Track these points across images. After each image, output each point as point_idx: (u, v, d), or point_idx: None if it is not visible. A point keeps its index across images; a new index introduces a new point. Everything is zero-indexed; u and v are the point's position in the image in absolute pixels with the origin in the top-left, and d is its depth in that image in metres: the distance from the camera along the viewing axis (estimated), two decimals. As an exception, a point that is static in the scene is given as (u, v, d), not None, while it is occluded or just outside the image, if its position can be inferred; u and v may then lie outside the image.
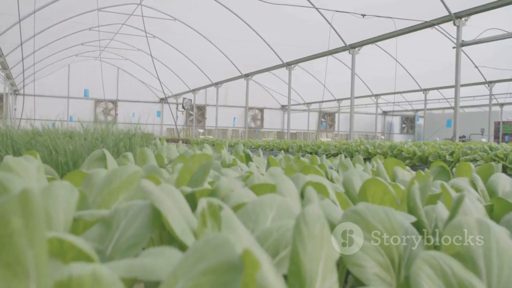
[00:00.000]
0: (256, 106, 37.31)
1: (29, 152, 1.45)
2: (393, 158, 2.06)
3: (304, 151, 8.90)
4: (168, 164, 2.04)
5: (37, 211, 0.46)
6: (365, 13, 11.21)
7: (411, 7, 12.13)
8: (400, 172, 1.95)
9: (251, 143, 11.51)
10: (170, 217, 0.69)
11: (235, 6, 15.88)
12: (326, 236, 0.68)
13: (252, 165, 2.11)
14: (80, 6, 16.89)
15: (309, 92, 29.26)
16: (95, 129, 2.25)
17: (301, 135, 37.88)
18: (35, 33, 15.67)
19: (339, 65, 19.68)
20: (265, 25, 16.51)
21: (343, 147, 7.84)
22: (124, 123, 15.16)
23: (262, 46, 17.69)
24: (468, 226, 0.76)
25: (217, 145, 2.94)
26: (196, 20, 18.70)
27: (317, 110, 37.95)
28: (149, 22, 18.56)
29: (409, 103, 29.65)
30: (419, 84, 22.70)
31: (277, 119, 38.81)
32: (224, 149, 2.89)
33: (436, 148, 6.21)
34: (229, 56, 20.86)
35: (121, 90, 35.15)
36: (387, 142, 7.73)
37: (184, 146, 3.62)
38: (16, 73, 24.17)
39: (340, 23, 13.46)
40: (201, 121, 36.69)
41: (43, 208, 0.49)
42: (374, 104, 28.69)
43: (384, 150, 6.92)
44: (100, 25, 20.04)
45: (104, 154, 1.53)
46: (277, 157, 2.40)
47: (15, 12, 12.99)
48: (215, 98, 27.25)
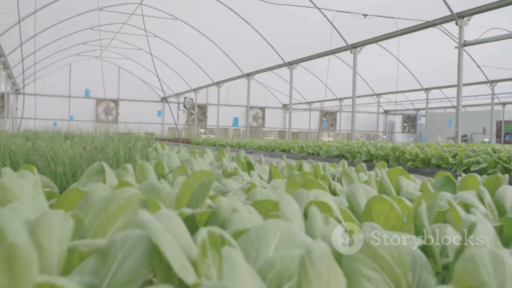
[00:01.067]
0: (257, 105, 37.27)
1: (26, 166, 1.42)
2: (397, 168, 2.02)
3: (306, 152, 8.87)
4: (169, 173, 2.01)
5: (24, 265, 0.43)
6: (367, 13, 11.15)
7: (413, 7, 12.08)
8: (405, 183, 1.92)
9: (253, 143, 11.48)
10: (169, 252, 0.66)
11: (236, 6, 15.84)
12: (333, 273, 0.65)
13: (254, 175, 2.08)
14: (81, 5, 16.88)
15: (311, 91, 29.23)
16: (94, 136, 2.22)
17: (303, 134, 37.85)
18: (36, 33, 15.66)
19: (340, 64, 19.64)
20: (266, 24, 16.47)
21: (345, 149, 7.80)
22: (126, 122, 15.34)
23: (263, 45, 17.66)
24: (482, 259, 0.72)
25: (219, 152, 2.91)
26: (197, 19, 18.68)
27: (318, 109, 37.93)
28: (150, 22, 18.55)
29: (411, 102, 29.60)
30: (420, 83, 22.66)
31: (278, 118, 38.76)
32: (226, 156, 2.86)
33: (438, 150, 6.16)
34: (230, 56, 20.83)
35: (122, 89, 35.15)
36: (389, 143, 7.69)
37: (186, 152, 3.59)
38: (17, 73, 24.15)
39: (342, 22, 13.42)
40: (202, 120, 36.67)
41: (30, 259, 0.45)
42: (375, 103, 28.64)
43: (386, 152, 6.88)
44: (101, 25, 20.06)
45: (103, 168, 1.49)
46: (279, 165, 2.36)
47: (15, 12, 12.98)
48: (216, 97, 27.24)
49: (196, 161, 2.67)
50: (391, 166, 6.85)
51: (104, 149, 1.97)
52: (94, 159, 1.82)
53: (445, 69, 20.17)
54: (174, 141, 17.21)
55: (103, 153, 1.89)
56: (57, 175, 1.74)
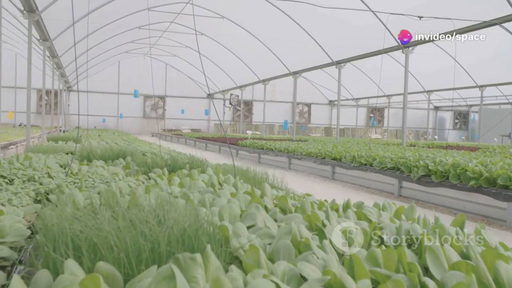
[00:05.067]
0: (303, 102, 36.91)
1: (91, 277, 1.30)
2: (493, 251, 1.79)
3: (358, 162, 8.57)
4: (239, 248, 1.86)
5: None
6: (422, 15, 10.68)
7: (470, 6, 11.53)
8: (504, 271, 1.69)
9: (302, 149, 11.25)
10: None
11: (284, 5, 15.58)
12: None
13: (327, 248, 1.90)
14: (131, 6, 17.10)
15: (358, 88, 28.65)
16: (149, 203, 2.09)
17: (349, 131, 37.20)
18: (88, 33, 16.02)
19: (389, 61, 19.08)
20: (313, 24, 16.16)
21: (400, 161, 7.47)
22: (172, 119, 15.77)
23: (310, 44, 17.33)
24: None
25: (281, 198, 2.73)
26: (244, 18, 18.57)
27: (365, 106, 37.14)
28: (197, 20, 18.61)
29: (464, 99, 28.48)
30: (475, 80, 21.71)
31: (324, 114, 38.27)
32: (288, 204, 2.68)
33: (505, 170, 5.77)
34: (277, 54, 20.61)
35: (169, 85, 35.60)
36: (448, 158, 7.29)
37: (243, 184, 3.44)
38: (69, 71, 24.83)
39: (394, 24, 12.98)
40: (248, 116, 36.66)
41: None
42: (426, 100, 27.74)
43: (445, 168, 6.52)
44: (149, 24, 20.29)
45: (173, 273, 1.36)
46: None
47: (67, 17, 13.26)
48: (261, 93, 27.07)
49: (259, 213, 2.51)
50: (450, 183, 6.48)
51: (166, 222, 1.85)
52: (158, 239, 1.70)
53: (502, 66, 19.25)
54: (221, 141, 17.20)
55: (167, 230, 1.76)
56: (121, 262, 1.63)
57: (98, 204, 2.64)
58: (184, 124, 35.46)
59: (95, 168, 4.53)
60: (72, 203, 2.84)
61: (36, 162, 5.05)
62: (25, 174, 4.13)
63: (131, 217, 2.01)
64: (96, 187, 3.71)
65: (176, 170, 4.57)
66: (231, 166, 5.77)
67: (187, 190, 3.43)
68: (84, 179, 3.95)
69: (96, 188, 3.47)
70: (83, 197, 3.05)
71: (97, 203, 2.72)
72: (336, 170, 9.27)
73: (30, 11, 10.71)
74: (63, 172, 4.35)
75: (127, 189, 3.38)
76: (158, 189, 3.23)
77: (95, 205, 2.56)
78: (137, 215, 1.91)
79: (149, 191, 3.15)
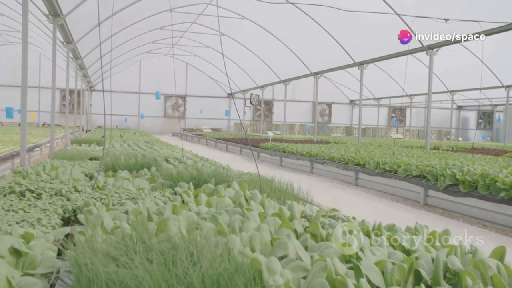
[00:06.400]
0: (324, 101, 36.68)
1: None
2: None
3: (383, 168, 8.45)
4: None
5: None
6: (448, 18, 10.48)
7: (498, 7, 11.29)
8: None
9: (324, 153, 11.15)
10: None
11: (305, 6, 15.47)
12: None
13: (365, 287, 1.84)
14: (153, 7, 17.21)
15: (379, 87, 28.35)
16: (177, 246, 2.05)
17: (370, 130, 36.86)
18: (112, 34, 16.17)
19: (413, 61, 18.81)
20: (334, 24, 16.00)
21: (426, 169, 7.32)
22: (193, 118, 15.97)
23: (332, 45, 17.17)
24: None
25: (312, 223, 2.67)
26: (265, 18, 18.51)
27: (387, 105, 36.72)
28: (218, 20, 18.61)
29: (488, 99, 27.94)
30: (500, 80, 21.29)
31: (345, 114, 37.96)
32: (319, 228, 2.62)
33: (537, 182, 5.61)
34: (298, 54, 20.49)
35: (189, 85, 35.71)
36: (477, 167, 7.11)
37: (272, 202, 3.37)
38: (91, 72, 25.09)
39: (419, 25, 12.76)
40: (268, 116, 36.59)
41: None
42: (449, 100, 27.30)
43: (474, 178, 6.36)
44: (172, 24, 20.39)
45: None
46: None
47: (90, 20, 13.38)
48: (282, 93, 26.97)
49: (291, 242, 2.46)
50: (479, 193, 6.31)
51: (200, 261, 1.81)
52: (193, 283, 1.67)
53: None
54: (242, 143, 17.16)
55: (201, 270, 1.72)
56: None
57: (126, 228, 2.62)
58: (204, 124, 35.57)
59: (120, 182, 4.53)
60: (101, 226, 2.83)
61: (62, 173, 5.08)
62: (52, 188, 4.15)
63: (162, 249, 1.98)
64: (123, 203, 3.71)
65: (202, 184, 4.54)
66: (255, 175, 5.71)
67: (215, 209, 3.40)
68: (111, 195, 3.96)
69: (123, 206, 3.46)
70: (110, 217, 3.03)
71: (126, 226, 2.70)
72: (359, 176, 9.16)
73: (55, 15, 10.82)
74: (89, 186, 4.37)
75: (154, 208, 3.37)
76: (186, 210, 3.20)
77: (124, 230, 2.54)
78: (170, 252, 1.88)
79: (177, 212, 3.12)
